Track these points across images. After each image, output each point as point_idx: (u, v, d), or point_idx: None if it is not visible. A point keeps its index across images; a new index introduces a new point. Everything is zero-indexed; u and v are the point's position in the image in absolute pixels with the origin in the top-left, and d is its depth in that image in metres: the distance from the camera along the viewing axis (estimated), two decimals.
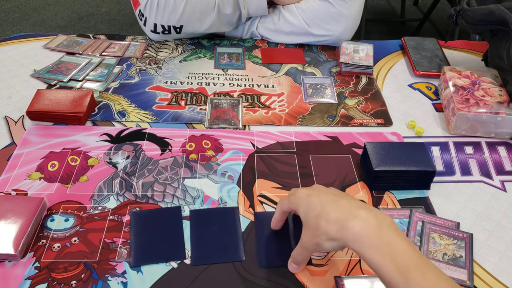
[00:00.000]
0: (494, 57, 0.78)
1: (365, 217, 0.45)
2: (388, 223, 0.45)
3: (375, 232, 0.43)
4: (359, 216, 0.45)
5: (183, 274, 0.53)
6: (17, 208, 0.56)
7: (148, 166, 0.66)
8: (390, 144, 0.66)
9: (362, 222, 0.44)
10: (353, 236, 0.44)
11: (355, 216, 0.45)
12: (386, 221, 0.45)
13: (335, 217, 0.46)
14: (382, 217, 0.45)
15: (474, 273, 0.55)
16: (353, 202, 0.48)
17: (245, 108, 0.78)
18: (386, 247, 0.43)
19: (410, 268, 0.41)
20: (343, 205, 0.47)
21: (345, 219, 0.45)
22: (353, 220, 0.45)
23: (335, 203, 0.48)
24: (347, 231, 0.44)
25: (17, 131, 0.71)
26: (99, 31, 2.34)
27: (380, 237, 0.43)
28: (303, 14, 0.92)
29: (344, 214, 0.46)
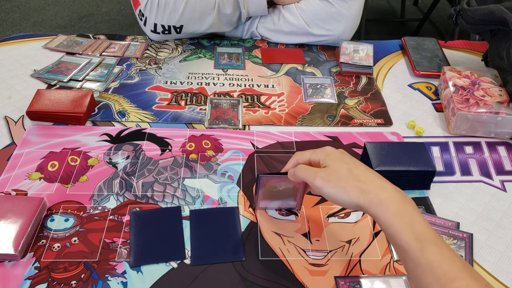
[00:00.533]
0: (494, 57, 0.78)
1: (392, 190, 0.47)
2: (411, 201, 0.47)
3: (399, 203, 0.46)
4: (387, 188, 0.47)
5: (183, 274, 0.53)
6: (17, 208, 0.56)
7: (148, 166, 0.66)
8: (390, 144, 0.66)
9: (390, 193, 0.47)
10: (380, 201, 0.46)
11: (384, 187, 0.47)
12: (409, 199, 0.47)
13: (366, 180, 0.48)
14: (406, 196, 0.48)
15: None
16: (381, 176, 0.49)
17: (245, 108, 0.78)
18: (408, 217, 0.45)
19: (427, 240, 0.43)
20: (372, 175, 0.49)
21: (375, 185, 0.47)
22: (382, 190, 0.47)
23: (367, 170, 0.50)
24: (375, 195, 0.46)
25: (17, 131, 0.71)
26: (99, 31, 2.34)
27: (403, 208, 0.45)
28: (303, 14, 0.92)
29: (375, 182, 0.48)
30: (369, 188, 0.47)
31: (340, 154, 0.52)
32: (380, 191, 0.47)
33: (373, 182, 0.48)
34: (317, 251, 0.56)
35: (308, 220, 0.60)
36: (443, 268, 0.41)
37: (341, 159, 0.51)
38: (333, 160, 0.51)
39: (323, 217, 0.61)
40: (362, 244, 0.58)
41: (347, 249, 0.57)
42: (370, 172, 0.50)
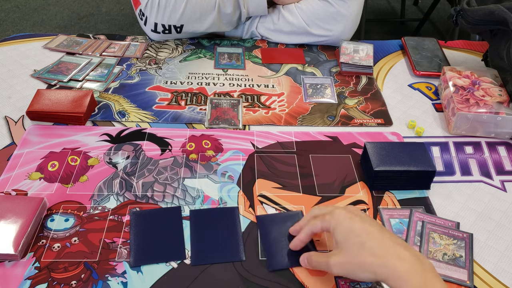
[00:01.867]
0: (494, 57, 0.78)
1: (410, 258, 0.45)
2: (430, 267, 0.45)
3: (420, 274, 0.44)
4: (405, 256, 0.45)
5: (183, 274, 0.53)
6: (17, 208, 0.56)
7: (148, 166, 0.66)
8: (390, 144, 0.66)
9: (408, 264, 0.44)
10: (399, 276, 0.44)
11: (401, 258, 0.45)
12: (428, 264, 0.45)
13: (381, 252, 0.45)
14: (424, 260, 0.46)
15: (474, 273, 0.55)
16: (396, 238, 0.47)
17: (245, 108, 0.78)
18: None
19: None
20: (388, 241, 0.46)
21: (391, 256, 0.45)
22: (400, 261, 0.45)
23: (381, 236, 0.47)
24: (393, 269, 0.44)
25: (17, 131, 0.71)
26: (99, 31, 2.34)
27: (425, 280, 0.43)
28: (302, 14, 0.92)
29: (390, 251, 0.45)
30: (385, 262, 0.45)
31: (350, 221, 0.49)
32: (398, 263, 0.44)
33: (388, 252, 0.45)
34: (317, 251, 0.56)
35: None
36: None
37: (351, 230, 0.48)
38: (343, 235, 0.48)
39: None
40: None
41: None
42: (385, 239, 0.47)
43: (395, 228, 0.59)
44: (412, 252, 0.46)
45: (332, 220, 0.50)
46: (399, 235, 0.59)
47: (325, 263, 0.49)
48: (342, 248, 0.48)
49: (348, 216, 0.49)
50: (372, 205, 0.63)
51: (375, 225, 0.49)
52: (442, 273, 0.54)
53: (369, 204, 0.63)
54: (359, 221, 0.48)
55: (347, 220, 0.49)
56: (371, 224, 0.48)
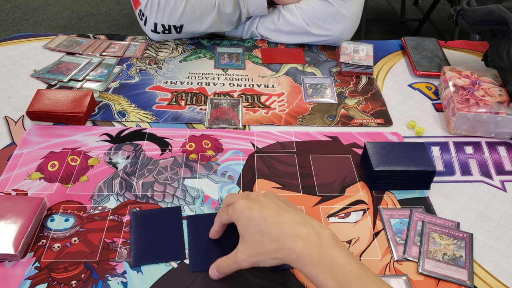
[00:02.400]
0: (494, 57, 0.78)
1: (306, 235, 0.46)
2: (329, 238, 0.46)
3: (316, 249, 0.45)
4: (301, 234, 0.46)
5: (183, 274, 0.53)
6: (17, 208, 0.56)
7: (148, 166, 0.66)
8: (390, 144, 0.66)
9: (303, 242, 0.45)
10: (296, 255, 0.45)
11: (297, 236, 0.46)
12: (327, 236, 0.46)
13: (278, 236, 0.46)
14: (322, 232, 0.46)
15: (474, 273, 0.55)
16: (294, 216, 0.48)
17: (245, 108, 0.78)
18: (328, 264, 0.44)
19: (351, 282, 0.42)
20: (285, 222, 0.47)
21: (288, 238, 0.46)
22: (296, 240, 0.45)
23: (277, 220, 0.47)
24: (291, 250, 0.45)
25: (17, 131, 0.71)
26: (99, 31, 2.34)
27: (321, 254, 0.44)
28: (302, 14, 0.92)
29: (287, 233, 0.46)
30: (283, 245, 0.46)
31: (249, 211, 0.49)
32: (294, 244, 0.45)
33: (285, 234, 0.46)
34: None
35: None
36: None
37: (250, 220, 0.48)
38: (244, 226, 0.49)
39: (323, 217, 0.61)
40: (362, 244, 0.58)
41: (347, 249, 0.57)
42: (282, 221, 0.47)
43: (395, 228, 0.59)
44: (309, 227, 0.46)
45: (233, 213, 0.50)
46: (399, 235, 0.59)
47: (234, 263, 0.49)
48: (245, 240, 0.49)
49: (247, 206, 0.49)
50: (372, 205, 0.63)
51: (274, 208, 0.49)
52: (442, 273, 0.54)
53: (369, 204, 0.63)
54: (257, 209, 0.49)
55: (246, 211, 0.49)
56: (270, 208, 0.49)
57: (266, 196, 0.51)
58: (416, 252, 0.57)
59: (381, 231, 0.59)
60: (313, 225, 0.47)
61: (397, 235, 0.59)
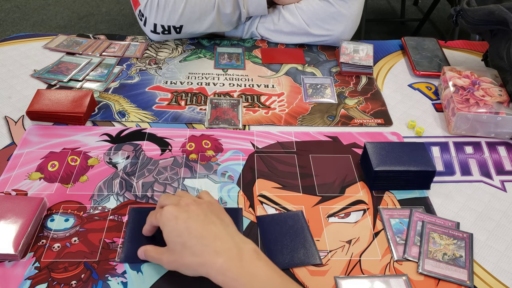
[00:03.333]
0: (494, 57, 0.78)
1: (227, 250, 0.46)
2: (250, 252, 0.46)
3: (237, 263, 0.45)
4: (222, 250, 0.46)
5: (183, 274, 0.53)
6: (17, 208, 0.56)
7: (148, 166, 0.66)
8: (390, 144, 0.66)
9: (224, 257, 0.46)
10: (216, 271, 0.45)
11: (217, 252, 0.46)
12: (248, 250, 0.47)
13: (198, 251, 0.47)
14: (243, 246, 0.47)
15: (474, 273, 0.55)
16: (218, 230, 0.48)
17: (245, 108, 0.78)
18: (248, 278, 0.44)
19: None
20: (207, 237, 0.47)
21: (208, 253, 0.46)
22: (216, 256, 0.46)
23: (201, 234, 0.48)
24: (211, 266, 0.46)
25: (17, 131, 0.71)
26: (99, 31, 2.34)
27: (242, 268, 0.45)
28: (302, 14, 0.92)
29: (209, 248, 0.46)
30: (203, 260, 0.46)
31: (174, 222, 0.49)
32: (214, 259, 0.46)
33: (206, 249, 0.46)
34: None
35: (308, 220, 0.60)
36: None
37: (173, 230, 0.49)
38: (168, 235, 0.49)
39: (323, 217, 0.61)
40: (362, 244, 0.58)
41: (347, 249, 0.57)
42: (205, 235, 0.47)
43: (395, 228, 0.59)
44: (231, 243, 0.47)
45: (160, 219, 0.51)
46: (399, 235, 0.59)
47: (159, 260, 0.51)
48: (169, 247, 0.49)
49: (174, 215, 0.49)
50: (372, 205, 0.63)
51: (201, 219, 0.49)
52: (442, 273, 0.54)
53: (369, 204, 0.63)
54: (183, 219, 0.49)
55: (172, 221, 0.49)
56: (196, 220, 0.49)
57: (198, 204, 0.51)
58: (416, 252, 0.57)
59: (381, 231, 0.59)
60: (236, 240, 0.48)
61: (397, 235, 0.59)
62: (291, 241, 0.57)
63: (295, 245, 0.57)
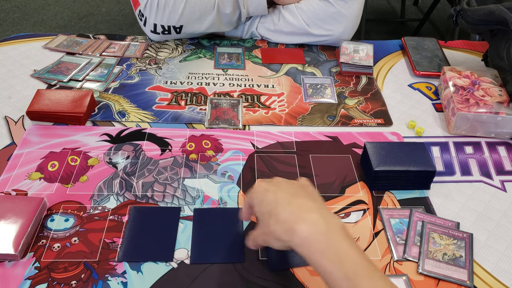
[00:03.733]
0: (494, 57, 0.78)
1: (314, 220, 0.44)
2: (337, 228, 0.44)
3: (323, 237, 0.43)
4: (308, 219, 0.44)
5: (183, 274, 0.53)
6: (17, 208, 0.56)
7: (148, 166, 0.66)
8: (390, 144, 0.66)
9: (310, 226, 0.43)
10: (301, 240, 0.43)
11: (304, 219, 0.44)
12: (336, 225, 0.44)
13: (284, 218, 0.45)
14: (332, 220, 0.44)
15: (474, 273, 0.55)
16: (307, 202, 0.46)
17: (245, 108, 0.78)
18: (335, 253, 0.42)
19: (359, 275, 0.40)
20: (294, 205, 0.46)
21: (293, 220, 0.44)
22: (301, 223, 0.44)
23: (288, 202, 0.46)
24: (295, 234, 0.43)
25: (17, 131, 0.71)
26: (99, 31, 2.34)
27: (328, 242, 0.42)
28: (303, 14, 0.92)
29: (294, 215, 0.45)
30: (288, 227, 0.44)
31: (264, 193, 0.48)
32: (299, 227, 0.43)
33: (292, 216, 0.45)
34: None
35: None
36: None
37: (262, 201, 0.48)
38: (257, 207, 0.49)
39: None
40: (362, 244, 0.58)
41: None
42: (293, 204, 0.46)
43: (395, 228, 0.59)
44: (318, 214, 0.44)
45: (252, 195, 0.50)
46: (399, 235, 0.59)
47: (257, 237, 0.50)
48: (259, 220, 0.49)
49: (264, 187, 0.49)
50: (372, 205, 0.63)
51: (290, 192, 0.48)
52: (442, 273, 0.54)
53: (369, 204, 0.63)
54: (272, 191, 0.48)
55: (262, 192, 0.49)
56: (285, 192, 0.48)
57: (290, 182, 0.51)
58: (416, 252, 0.57)
59: (381, 231, 0.59)
60: (323, 212, 0.45)
61: (397, 235, 0.59)
62: (218, 237, 0.57)
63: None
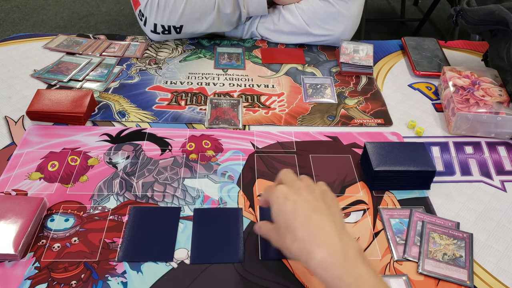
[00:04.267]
0: (494, 57, 0.78)
1: (331, 245, 0.43)
2: (354, 252, 0.44)
3: (341, 262, 0.42)
4: (326, 243, 0.44)
5: (183, 274, 0.53)
6: (17, 208, 0.56)
7: (148, 166, 0.66)
8: (390, 144, 0.66)
9: (327, 251, 0.43)
10: (317, 263, 0.43)
11: (321, 243, 0.43)
12: (353, 249, 0.44)
13: (301, 237, 0.45)
14: (349, 244, 0.44)
15: (474, 273, 0.55)
16: (325, 222, 0.46)
17: (245, 108, 0.78)
18: (352, 278, 0.42)
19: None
20: (312, 225, 0.45)
21: (310, 242, 0.44)
22: (319, 247, 0.43)
23: (307, 219, 0.46)
24: (311, 257, 0.43)
25: (17, 131, 0.71)
26: (99, 31, 2.34)
27: (345, 267, 0.42)
28: (303, 14, 0.92)
29: (312, 236, 0.44)
30: (304, 247, 0.44)
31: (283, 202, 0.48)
32: (316, 250, 0.43)
33: (310, 237, 0.44)
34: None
35: None
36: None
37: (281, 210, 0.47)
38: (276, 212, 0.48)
39: None
40: (362, 244, 0.58)
41: None
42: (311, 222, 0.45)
43: (395, 228, 0.59)
44: (336, 237, 0.44)
45: (271, 196, 0.49)
46: (399, 235, 0.59)
47: (268, 237, 0.50)
48: (276, 225, 0.48)
49: (284, 195, 0.48)
50: (372, 205, 0.63)
51: (310, 206, 0.47)
52: (442, 273, 0.54)
53: (369, 204, 0.63)
54: (292, 201, 0.47)
55: (281, 200, 0.48)
56: (304, 205, 0.47)
57: (310, 190, 0.49)
58: (416, 252, 0.57)
59: (381, 231, 0.59)
60: (341, 236, 0.45)
61: (397, 235, 0.59)
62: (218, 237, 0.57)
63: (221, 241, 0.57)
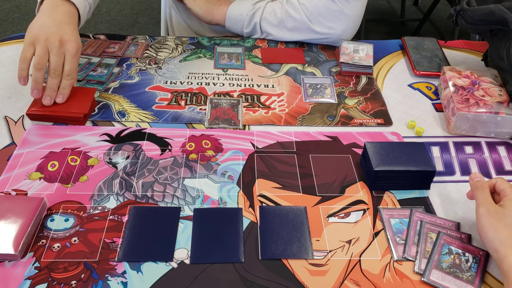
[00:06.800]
0: (494, 57, 0.78)
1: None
2: None
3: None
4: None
5: (183, 274, 0.53)
6: (17, 208, 0.56)
7: (148, 166, 0.66)
8: (390, 144, 0.66)
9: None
10: (508, 267, 0.48)
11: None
12: None
13: (508, 242, 0.50)
14: None
15: None
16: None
17: (245, 108, 0.78)
18: None
19: None
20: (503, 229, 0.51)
21: (508, 244, 0.49)
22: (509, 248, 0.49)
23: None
24: (505, 259, 0.49)
25: (17, 131, 0.71)
26: (99, 31, 2.33)
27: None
28: (305, 9, 0.91)
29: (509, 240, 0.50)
30: (500, 246, 0.49)
31: None
32: (509, 252, 0.48)
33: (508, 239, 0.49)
34: (317, 251, 0.56)
35: (308, 220, 0.60)
36: None
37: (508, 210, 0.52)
38: (505, 207, 0.53)
39: (323, 217, 0.61)
40: (362, 244, 0.58)
41: (347, 249, 0.57)
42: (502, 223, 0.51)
43: (395, 228, 0.59)
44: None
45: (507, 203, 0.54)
46: (399, 235, 0.59)
47: (483, 201, 0.55)
48: (503, 211, 0.53)
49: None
50: (372, 205, 0.63)
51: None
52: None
53: (369, 204, 0.63)
54: None
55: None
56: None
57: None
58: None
59: (381, 231, 0.59)
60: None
61: (397, 235, 0.59)
62: (287, 234, 0.57)
63: (290, 238, 0.57)
